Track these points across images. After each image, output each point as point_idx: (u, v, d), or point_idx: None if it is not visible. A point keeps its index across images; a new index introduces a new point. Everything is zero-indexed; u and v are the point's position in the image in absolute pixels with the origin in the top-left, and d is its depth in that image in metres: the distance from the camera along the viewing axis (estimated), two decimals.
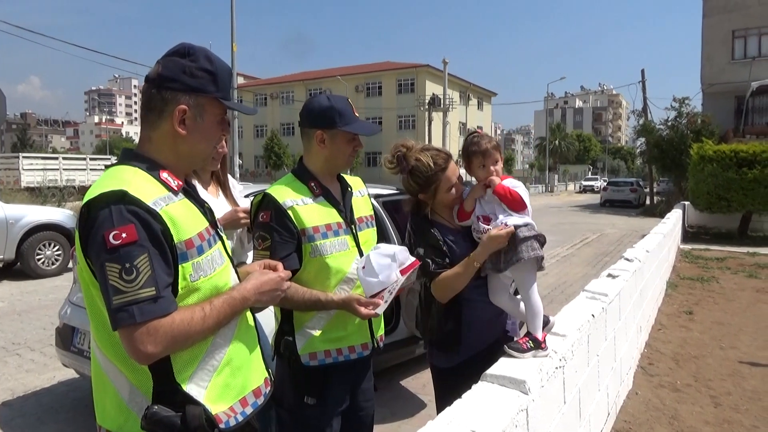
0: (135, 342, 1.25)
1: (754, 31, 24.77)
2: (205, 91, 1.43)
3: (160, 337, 1.26)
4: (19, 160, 28.75)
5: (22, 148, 60.75)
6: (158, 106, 1.41)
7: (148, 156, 1.43)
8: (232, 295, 1.42)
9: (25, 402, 4.18)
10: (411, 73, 52.06)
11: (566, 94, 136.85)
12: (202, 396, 1.37)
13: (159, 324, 1.26)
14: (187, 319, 1.31)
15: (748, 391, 4.12)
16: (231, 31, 19.80)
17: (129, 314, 1.24)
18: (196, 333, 1.33)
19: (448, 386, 2.40)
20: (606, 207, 29.44)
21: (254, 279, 1.51)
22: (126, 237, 1.25)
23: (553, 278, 9.11)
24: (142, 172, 1.38)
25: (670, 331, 5.72)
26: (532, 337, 2.12)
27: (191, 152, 1.46)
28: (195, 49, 1.45)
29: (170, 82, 1.40)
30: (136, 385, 1.35)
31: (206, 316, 1.34)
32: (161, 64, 1.42)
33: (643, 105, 28.35)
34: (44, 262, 8.89)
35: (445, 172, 2.26)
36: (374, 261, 1.96)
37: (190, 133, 1.43)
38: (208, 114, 1.45)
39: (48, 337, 5.50)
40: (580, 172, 71.71)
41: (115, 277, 1.24)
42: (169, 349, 1.30)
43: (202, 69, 1.43)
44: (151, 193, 1.32)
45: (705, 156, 13.71)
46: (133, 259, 1.25)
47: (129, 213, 1.27)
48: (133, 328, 1.24)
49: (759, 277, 8.66)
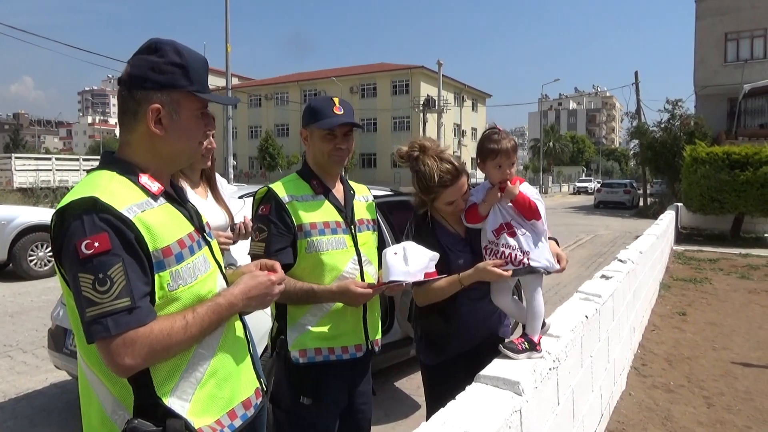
0: (112, 355, 1.20)
1: (746, 34, 24.95)
2: (176, 86, 1.35)
3: (137, 348, 1.20)
4: (11, 161, 28.55)
5: (15, 148, 60.33)
6: (131, 107, 1.35)
7: (127, 160, 1.37)
8: (218, 301, 1.36)
9: (18, 404, 4.15)
10: (405, 74, 52.08)
11: (560, 95, 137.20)
12: (185, 409, 1.32)
13: (136, 335, 1.20)
14: (166, 329, 1.25)
15: (741, 391, 4.14)
16: (225, 32, 19.73)
17: (103, 327, 1.18)
18: (178, 343, 1.27)
19: (436, 383, 2.42)
20: (600, 208, 29.56)
21: (242, 283, 1.44)
22: (99, 246, 1.19)
23: (546, 279, 9.02)
24: (120, 177, 1.32)
25: (664, 332, 5.74)
26: (528, 339, 2.12)
27: (172, 152, 1.40)
28: (162, 43, 1.37)
29: (140, 81, 1.34)
30: (118, 398, 1.30)
31: (188, 324, 1.28)
32: (130, 64, 1.36)
33: (636, 107, 28.49)
34: (37, 263, 8.84)
35: (447, 189, 2.22)
36: (411, 252, 2.02)
37: (168, 133, 1.36)
38: (185, 110, 1.38)
39: (40, 339, 5.46)
40: (574, 174, 71.94)
41: (89, 288, 1.19)
42: (148, 360, 1.24)
43: (171, 63, 1.35)
44: (125, 200, 1.27)
45: (698, 158, 13.78)
46: (107, 268, 1.19)
47: (101, 221, 1.21)
48: (108, 341, 1.19)
49: (751, 279, 8.71)
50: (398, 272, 1.97)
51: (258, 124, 60.58)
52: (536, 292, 2.20)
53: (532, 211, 2.14)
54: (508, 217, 2.16)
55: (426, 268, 2.02)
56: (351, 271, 2.09)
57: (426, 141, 2.28)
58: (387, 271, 1.99)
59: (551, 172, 67.36)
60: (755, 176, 12.70)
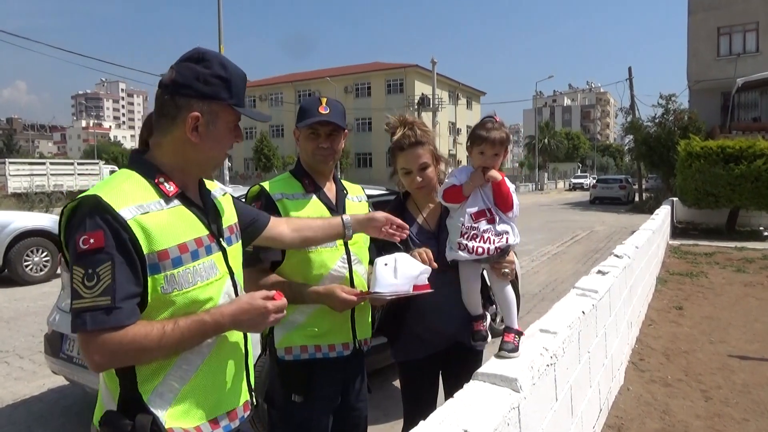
0: (85, 349, 1.25)
1: (738, 28, 25.01)
2: (218, 98, 1.41)
3: (107, 348, 1.24)
4: (5, 166, 28.46)
5: (9, 153, 60.10)
6: (171, 112, 1.39)
7: (151, 161, 1.42)
8: (203, 318, 1.34)
9: (15, 410, 4.14)
10: (400, 73, 52.08)
11: (554, 92, 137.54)
12: (164, 410, 1.33)
13: (109, 336, 1.23)
14: (141, 336, 1.26)
15: (738, 384, 4.16)
16: (219, 32, 19.70)
17: (82, 321, 1.23)
18: (150, 351, 1.28)
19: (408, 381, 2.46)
20: (595, 204, 29.63)
21: (236, 304, 1.40)
22: (93, 243, 1.24)
23: (543, 276, 9.14)
24: (137, 176, 1.37)
25: (661, 326, 5.76)
26: (514, 330, 2.13)
27: (202, 159, 1.45)
28: (209, 55, 1.42)
29: (184, 89, 1.38)
30: (109, 388, 1.37)
31: (164, 335, 1.28)
32: (175, 70, 1.40)
33: (630, 102, 28.63)
34: (32, 268, 8.79)
35: (401, 153, 2.31)
36: (401, 264, 1.99)
37: (203, 140, 1.41)
38: (221, 121, 1.43)
39: (37, 344, 5.44)
40: (569, 170, 72.05)
41: (78, 281, 1.24)
42: (116, 362, 1.29)
43: (216, 76, 1.40)
44: (130, 200, 1.30)
45: (692, 152, 13.83)
46: (96, 265, 1.23)
47: (101, 219, 1.25)
48: (85, 335, 1.24)
49: (747, 272, 8.75)
50: (384, 284, 1.96)
51: (253, 126, 60.24)
52: (503, 283, 2.22)
53: (507, 203, 2.18)
54: (489, 204, 2.19)
55: (416, 281, 2.00)
56: (339, 269, 2.09)
57: (412, 117, 2.38)
58: (373, 282, 1.99)
59: (546, 168, 67.48)
60: (749, 170, 12.75)
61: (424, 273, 2.04)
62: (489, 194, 2.20)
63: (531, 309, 6.67)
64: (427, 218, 2.40)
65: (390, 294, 1.97)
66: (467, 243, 2.15)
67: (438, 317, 2.32)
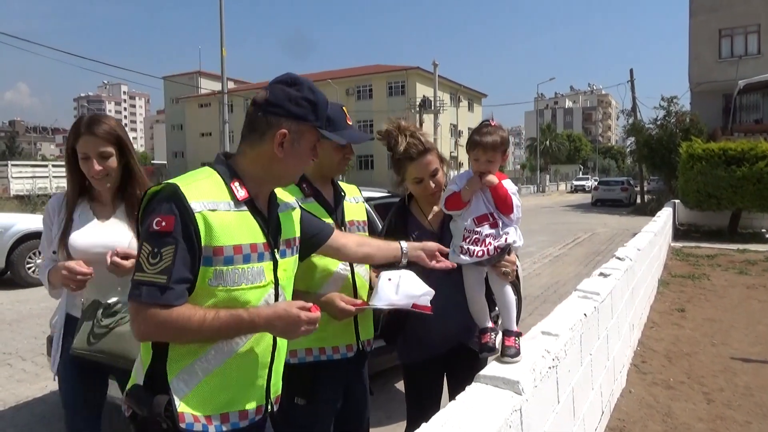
0: (133, 317, 1.40)
1: (740, 30, 25.01)
2: (305, 119, 1.55)
3: (152, 321, 1.37)
4: (7, 168, 28.50)
5: (11, 156, 60.08)
6: (261, 128, 1.53)
7: (233, 166, 1.55)
8: (242, 314, 1.44)
9: (17, 412, 4.14)
10: (401, 75, 52.10)
11: (556, 94, 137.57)
12: (182, 394, 1.43)
13: (157, 311, 1.36)
14: (184, 318, 1.38)
15: (741, 387, 4.15)
16: (220, 35, 19.76)
17: (139, 292, 1.37)
18: (188, 333, 1.40)
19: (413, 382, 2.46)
20: (597, 206, 29.60)
21: (273, 308, 1.48)
22: (164, 226, 1.38)
23: (545, 278, 9.14)
24: (217, 176, 1.51)
25: (663, 328, 5.75)
26: (514, 332, 2.12)
27: (282, 173, 1.59)
28: (300, 80, 1.58)
29: (276, 108, 1.53)
30: (142, 359, 1.50)
31: (204, 323, 1.39)
32: (269, 91, 1.55)
33: (632, 104, 28.60)
34: (35, 270, 8.79)
35: (412, 163, 2.29)
36: (405, 281, 1.99)
37: (287, 156, 1.54)
38: (305, 140, 1.57)
39: (39, 347, 5.45)
40: (571, 172, 71.98)
41: (144, 255, 1.38)
42: (157, 335, 1.42)
43: (306, 99, 1.55)
44: (203, 195, 1.44)
45: (694, 154, 13.82)
46: (162, 246, 1.37)
47: (175, 206, 1.40)
48: (137, 305, 1.38)
49: (749, 274, 8.73)
50: (383, 299, 1.96)
51: None
52: (503, 285, 2.22)
53: (506, 205, 2.19)
54: (492, 209, 2.20)
55: (416, 300, 2.00)
56: (342, 272, 2.10)
57: (404, 121, 2.36)
58: (374, 294, 2.00)
59: (548, 170, 67.46)
60: (751, 172, 12.73)
61: (427, 295, 2.02)
62: (491, 198, 2.20)
63: (533, 311, 6.66)
64: (431, 221, 2.40)
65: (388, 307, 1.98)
66: (468, 247, 2.16)
67: (440, 319, 2.29)
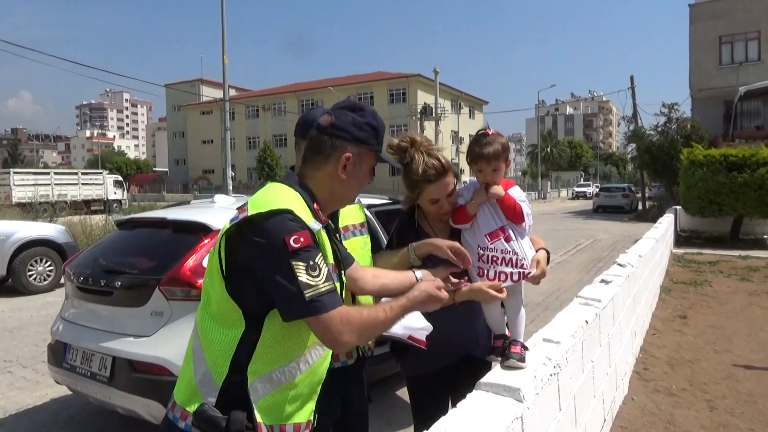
0: (332, 330, 1.42)
1: (740, 37, 25.09)
2: (368, 144, 1.63)
3: (353, 325, 1.44)
4: (9, 176, 28.63)
5: (13, 163, 60.41)
6: (326, 150, 1.60)
7: (309, 188, 1.61)
8: (405, 303, 1.61)
9: (18, 420, 4.13)
10: (402, 82, 52.33)
11: (557, 101, 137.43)
12: (257, 399, 1.46)
13: (348, 313, 1.44)
14: (373, 314, 1.51)
15: (743, 394, 4.13)
16: (222, 43, 19.83)
17: (322, 304, 1.40)
18: (377, 329, 1.54)
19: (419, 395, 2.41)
20: (599, 213, 29.61)
21: (419, 291, 1.66)
22: (304, 241, 1.42)
23: (547, 285, 9.11)
24: (302, 199, 1.54)
25: (665, 335, 5.73)
26: (520, 343, 2.10)
27: (344, 194, 1.66)
28: (363, 106, 1.68)
29: (341, 132, 1.60)
30: (210, 369, 1.47)
31: (387, 318, 1.54)
32: (333, 116, 1.62)
33: (633, 111, 28.59)
34: (36, 278, 8.81)
35: (430, 185, 2.18)
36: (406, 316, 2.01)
37: (349, 178, 1.61)
38: (365, 163, 1.65)
39: (40, 354, 5.44)
40: (572, 179, 71.92)
41: (303, 273, 1.40)
42: (360, 338, 1.49)
43: (368, 124, 1.64)
44: (307, 217, 1.49)
45: (695, 161, 13.82)
46: (313, 257, 1.42)
47: (300, 224, 1.45)
48: (329, 317, 1.41)
49: (751, 280, 8.71)
50: None
51: (256, 135, 60.71)
52: (520, 296, 2.19)
53: (516, 214, 2.13)
54: (502, 221, 2.13)
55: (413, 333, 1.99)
56: None
57: (418, 135, 2.25)
58: None
59: (549, 177, 67.45)
60: (753, 178, 12.73)
61: (425, 330, 2.03)
62: (500, 211, 2.14)
63: (534, 318, 6.64)
64: (438, 233, 2.30)
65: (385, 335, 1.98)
66: (486, 268, 2.10)
67: (448, 330, 2.25)
